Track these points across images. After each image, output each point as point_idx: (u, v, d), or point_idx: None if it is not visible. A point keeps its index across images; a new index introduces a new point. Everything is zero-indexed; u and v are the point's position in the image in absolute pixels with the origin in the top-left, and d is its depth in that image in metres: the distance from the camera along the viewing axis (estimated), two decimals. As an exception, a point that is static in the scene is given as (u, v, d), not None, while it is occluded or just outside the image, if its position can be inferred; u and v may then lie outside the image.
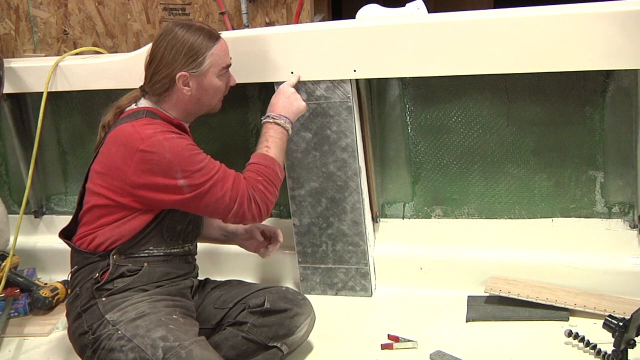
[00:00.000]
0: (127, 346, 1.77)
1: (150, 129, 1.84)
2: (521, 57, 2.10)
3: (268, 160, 1.97)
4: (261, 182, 1.92)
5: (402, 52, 2.18)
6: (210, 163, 1.86)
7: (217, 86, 1.98)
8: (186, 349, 1.73)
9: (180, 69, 1.90)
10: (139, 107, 1.94)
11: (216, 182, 1.84)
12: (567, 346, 2.03)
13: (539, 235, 2.39)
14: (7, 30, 2.85)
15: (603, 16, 2.00)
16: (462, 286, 2.39)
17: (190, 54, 1.89)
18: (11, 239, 2.60)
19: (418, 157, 2.48)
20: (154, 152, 1.81)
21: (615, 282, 2.25)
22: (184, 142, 1.86)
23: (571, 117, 2.30)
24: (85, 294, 1.88)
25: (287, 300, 2.02)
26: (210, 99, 1.99)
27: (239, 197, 1.86)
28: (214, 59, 1.93)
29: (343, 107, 2.29)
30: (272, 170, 1.96)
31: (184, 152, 1.83)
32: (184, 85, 1.91)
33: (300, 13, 2.58)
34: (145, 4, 2.71)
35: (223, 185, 1.85)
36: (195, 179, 1.82)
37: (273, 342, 1.97)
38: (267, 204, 1.92)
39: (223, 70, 1.98)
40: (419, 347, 2.09)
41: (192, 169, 1.82)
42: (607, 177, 2.32)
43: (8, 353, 2.26)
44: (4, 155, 2.87)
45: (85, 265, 1.91)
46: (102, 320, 1.83)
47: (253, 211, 1.89)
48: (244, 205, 1.87)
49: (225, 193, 1.85)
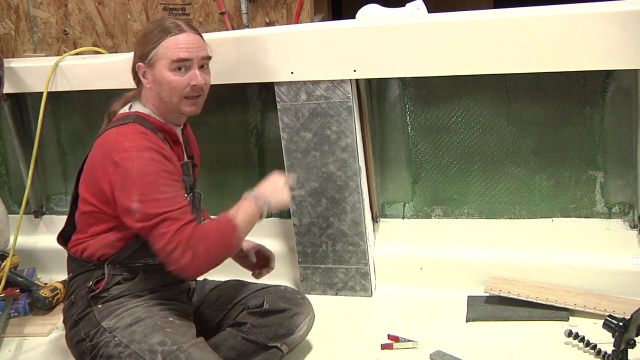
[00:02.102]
0: (124, 352, 1.77)
1: (129, 141, 1.77)
2: (521, 57, 2.10)
3: (229, 227, 1.78)
4: (207, 243, 1.73)
5: (402, 52, 2.18)
6: (172, 199, 1.74)
7: (169, 80, 1.84)
8: (185, 352, 1.72)
9: (137, 60, 1.88)
10: (130, 112, 1.90)
11: (165, 219, 1.70)
12: (567, 346, 2.03)
13: (539, 235, 2.39)
14: (7, 30, 2.85)
15: (603, 16, 2.00)
16: (462, 286, 2.39)
17: (141, 44, 1.88)
18: (11, 239, 2.60)
19: (418, 157, 2.48)
20: (123, 168, 1.74)
21: (615, 282, 2.25)
22: (157, 166, 1.76)
23: (571, 117, 2.30)
24: (81, 302, 1.88)
25: (286, 300, 2.02)
26: (168, 95, 1.86)
27: (175, 243, 1.70)
28: (163, 50, 1.84)
29: (343, 107, 2.29)
30: (227, 238, 1.78)
31: (149, 177, 1.73)
32: (143, 77, 1.89)
33: (300, 13, 2.58)
34: (145, 4, 2.71)
35: (170, 225, 1.70)
36: (149, 207, 1.71)
37: (273, 342, 1.96)
38: (199, 265, 1.73)
39: (175, 64, 1.84)
40: (419, 347, 2.09)
41: (150, 198, 1.72)
42: (607, 177, 2.32)
43: (8, 353, 2.26)
44: (4, 155, 2.87)
45: (80, 273, 1.90)
46: (98, 327, 1.83)
47: (182, 263, 1.71)
48: (176, 253, 1.70)
49: (166, 233, 1.70)
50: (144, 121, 1.86)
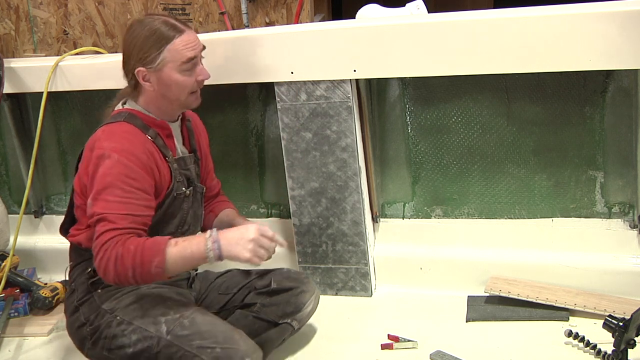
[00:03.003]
0: (128, 329, 1.80)
1: (110, 140, 1.80)
2: (521, 57, 2.10)
3: (155, 250, 1.68)
4: (122, 253, 1.67)
5: (402, 52, 2.18)
6: (118, 203, 1.72)
7: (179, 81, 1.86)
8: (188, 318, 1.78)
9: (136, 65, 1.84)
10: (122, 109, 1.92)
11: (101, 220, 1.71)
12: (567, 346, 2.03)
13: (539, 235, 2.39)
14: (7, 30, 2.85)
15: (603, 16, 2.00)
16: (462, 286, 2.39)
17: (143, 49, 1.83)
18: (11, 239, 2.60)
19: (418, 157, 2.48)
20: (93, 164, 1.78)
21: (615, 282, 2.25)
22: (120, 169, 1.75)
23: (571, 117, 2.30)
24: (81, 289, 1.91)
25: (292, 279, 2.07)
26: (176, 94, 1.88)
27: (96, 243, 1.71)
28: (170, 54, 1.83)
29: (343, 107, 2.29)
30: (145, 259, 1.68)
31: (108, 177, 1.74)
32: (144, 80, 1.86)
33: (300, 13, 2.58)
34: (145, 4, 2.71)
35: (102, 226, 1.71)
36: (96, 206, 1.73)
37: (283, 319, 2.01)
38: (104, 271, 1.70)
39: (185, 65, 1.86)
40: (419, 347, 2.09)
41: (101, 197, 1.74)
42: (607, 177, 2.32)
43: (8, 353, 2.26)
44: (4, 155, 2.87)
45: (81, 261, 1.93)
46: (98, 310, 1.86)
47: (95, 264, 1.72)
48: (95, 252, 1.71)
49: (96, 232, 1.71)
50: (135, 119, 1.88)
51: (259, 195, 2.68)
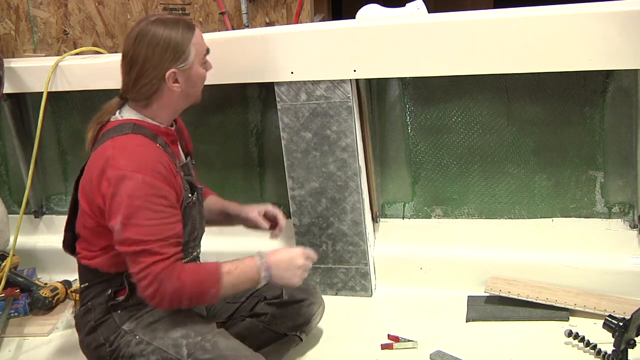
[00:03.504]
0: (147, 349, 1.76)
1: (126, 158, 1.73)
2: (521, 57, 2.10)
3: (212, 281, 1.73)
4: (178, 284, 1.69)
5: (402, 52, 2.18)
6: (156, 227, 1.69)
7: (202, 75, 1.88)
8: (211, 342, 1.74)
9: (169, 66, 1.78)
10: (125, 120, 1.84)
11: (143, 252, 1.67)
12: (567, 346, 2.03)
13: (539, 235, 2.39)
14: (7, 30, 2.85)
15: (603, 16, 2.00)
16: (462, 286, 2.39)
17: (176, 49, 1.79)
18: (11, 239, 2.60)
19: (418, 157, 2.48)
20: (114, 186, 1.70)
21: (615, 282, 2.25)
22: (147, 190, 1.70)
23: (571, 117, 2.30)
24: (100, 309, 1.85)
25: (302, 291, 2.06)
26: (197, 90, 1.89)
27: (144, 273, 1.68)
28: (196, 48, 1.82)
29: (343, 107, 2.29)
30: (203, 289, 1.72)
31: (137, 200, 1.68)
32: (173, 82, 1.81)
33: (300, 13, 2.58)
34: (145, 4, 2.71)
35: (146, 257, 1.67)
36: (130, 232, 1.68)
37: (292, 331, 2.03)
38: (160, 301, 1.70)
39: (204, 58, 1.88)
40: (419, 347, 2.09)
41: (133, 222, 1.68)
42: (607, 177, 2.32)
43: (8, 353, 2.26)
44: (4, 155, 2.87)
45: (98, 282, 1.87)
46: (119, 331, 1.82)
47: (146, 294, 1.70)
48: (144, 282, 1.69)
49: (141, 263, 1.68)
50: (143, 129, 1.81)
51: (259, 195, 2.68)
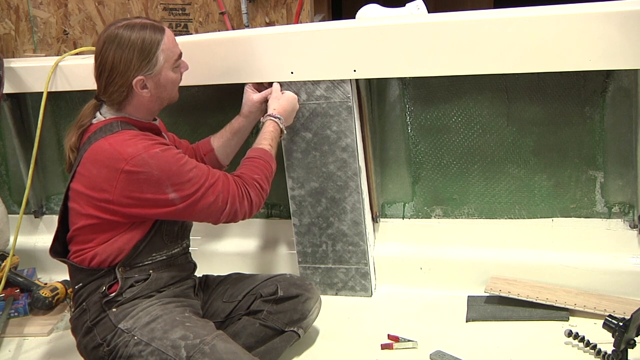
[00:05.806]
0: (145, 350, 1.76)
1: (131, 146, 1.77)
2: (521, 57, 2.10)
3: (268, 156, 2.02)
4: (258, 178, 1.94)
5: (402, 52, 2.18)
6: (198, 170, 1.83)
7: (174, 79, 1.90)
8: (209, 344, 1.74)
9: (135, 74, 1.81)
10: (109, 119, 1.86)
11: (207, 188, 1.82)
12: (567, 346, 2.03)
13: (539, 235, 2.39)
14: (7, 30, 2.85)
15: (603, 16, 2.00)
16: (462, 286, 2.39)
17: (142, 56, 1.80)
18: (11, 239, 2.60)
19: (418, 157, 2.48)
20: (141, 172, 1.75)
21: (615, 282, 2.25)
22: (170, 153, 1.81)
23: (571, 117, 2.30)
24: (94, 308, 1.86)
25: (297, 287, 2.08)
26: (169, 93, 1.91)
27: (230, 198, 1.85)
28: (165, 54, 1.84)
29: (343, 107, 2.29)
30: (270, 167, 2.01)
31: (171, 166, 1.79)
32: (142, 88, 1.84)
33: (300, 13, 2.58)
34: (145, 4, 2.72)
35: (214, 190, 1.83)
36: (186, 189, 1.80)
37: (289, 327, 2.02)
38: (260, 199, 1.94)
39: (177, 62, 1.89)
40: (419, 347, 2.09)
41: (182, 181, 1.79)
42: (607, 177, 2.32)
43: (8, 353, 2.26)
44: (4, 155, 2.87)
45: (90, 281, 1.87)
46: (115, 330, 1.82)
47: (245, 209, 1.89)
48: (236, 204, 1.86)
49: (217, 197, 1.83)
50: (129, 125, 1.85)
51: (259, 195, 2.68)
